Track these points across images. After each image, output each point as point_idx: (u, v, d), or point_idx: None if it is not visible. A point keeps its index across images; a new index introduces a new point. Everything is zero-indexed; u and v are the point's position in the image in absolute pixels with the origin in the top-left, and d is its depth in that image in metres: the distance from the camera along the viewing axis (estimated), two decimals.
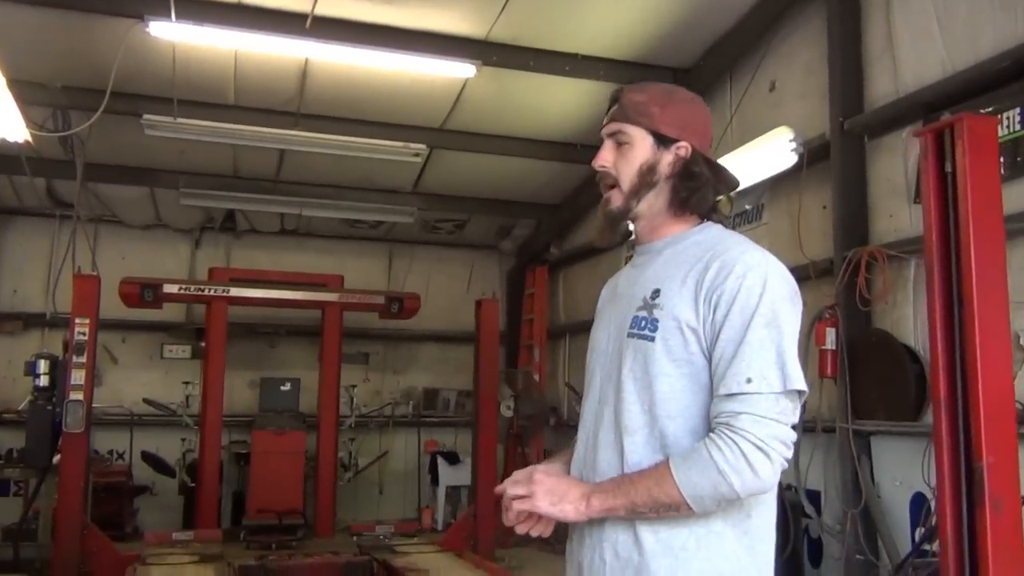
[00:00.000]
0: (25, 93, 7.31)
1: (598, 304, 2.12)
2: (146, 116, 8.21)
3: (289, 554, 7.59)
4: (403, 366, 11.91)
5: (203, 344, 9.79)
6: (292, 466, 9.43)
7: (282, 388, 10.09)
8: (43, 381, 7.42)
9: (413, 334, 11.67)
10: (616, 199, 1.94)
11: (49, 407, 7.37)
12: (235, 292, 9.63)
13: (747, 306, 1.71)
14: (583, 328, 10.78)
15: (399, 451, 11.42)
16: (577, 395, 10.30)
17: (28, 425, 7.42)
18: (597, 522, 1.81)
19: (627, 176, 1.91)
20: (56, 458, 7.40)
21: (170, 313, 10.64)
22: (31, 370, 7.48)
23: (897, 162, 6.02)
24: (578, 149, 9.77)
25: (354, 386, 10.65)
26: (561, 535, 2.03)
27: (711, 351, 1.74)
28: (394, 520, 9.06)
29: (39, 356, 7.59)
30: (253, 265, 10.93)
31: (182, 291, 9.67)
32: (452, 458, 10.80)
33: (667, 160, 1.91)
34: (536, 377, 10.64)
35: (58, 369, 7.45)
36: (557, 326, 11.53)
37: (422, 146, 9.17)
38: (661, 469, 1.70)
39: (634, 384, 1.80)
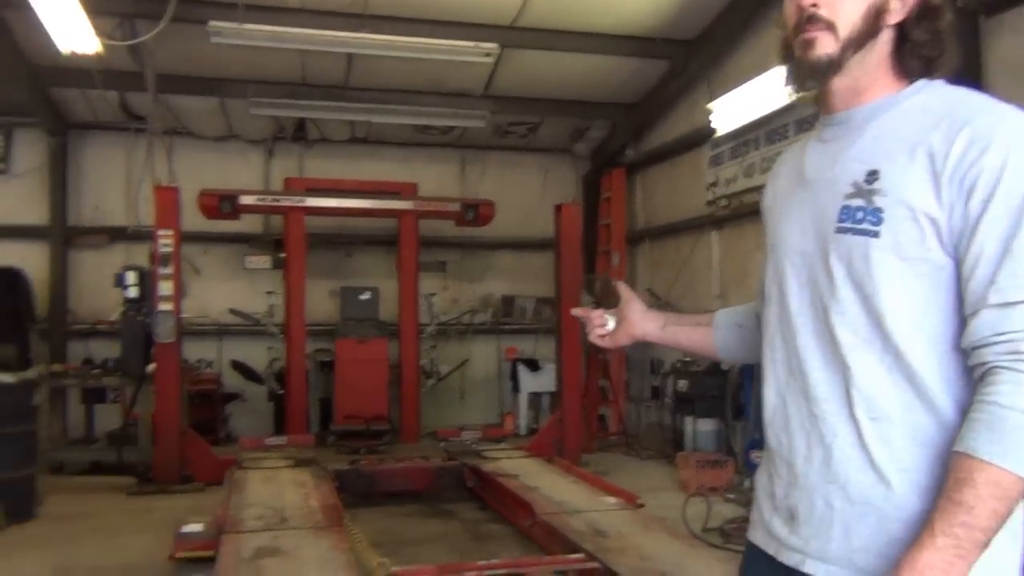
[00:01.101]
0: (92, 2, 7.21)
1: (768, 193, 1.75)
2: (212, 23, 8.04)
3: (380, 459, 7.72)
4: (479, 274, 11.84)
5: (283, 254, 9.85)
6: (376, 373, 9.56)
7: (361, 297, 10.13)
8: (133, 293, 7.60)
9: (488, 241, 11.55)
10: (827, 43, 1.51)
11: (140, 318, 7.52)
12: (311, 202, 9.63)
13: (1016, 190, 1.33)
14: (664, 232, 10.53)
15: (479, 358, 11.48)
16: (659, 301, 10.10)
17: (122, 336, 7.65)
18: (819, 451, 1.51)
19: (849, 16, 1.49)
20: (150, 367, 7.60)
21: (249, 224, 10.73)
22: (120, 282, 7.68)
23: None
24: (657, 43, 9.33)
25: (433, 294, 10.65)
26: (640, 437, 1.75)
27: (960, 247, 1.38)
28: (479, 426, 9.13)
29: (127, 268, 7.77)
30: (326, 175, 10.89)
31: (259, 202, 9.70)
32: (533, 365, 10.80)
33: None
34: (614, 282, 10.44)
35: (146, 281, 7.56)
36: (636, 231, 11.26)
37: (493, 45, 8.82)
38: (976, 471, 1.29)
39: (853, 291, 1.46)
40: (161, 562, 4.96)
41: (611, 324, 2.03)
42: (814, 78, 1.55)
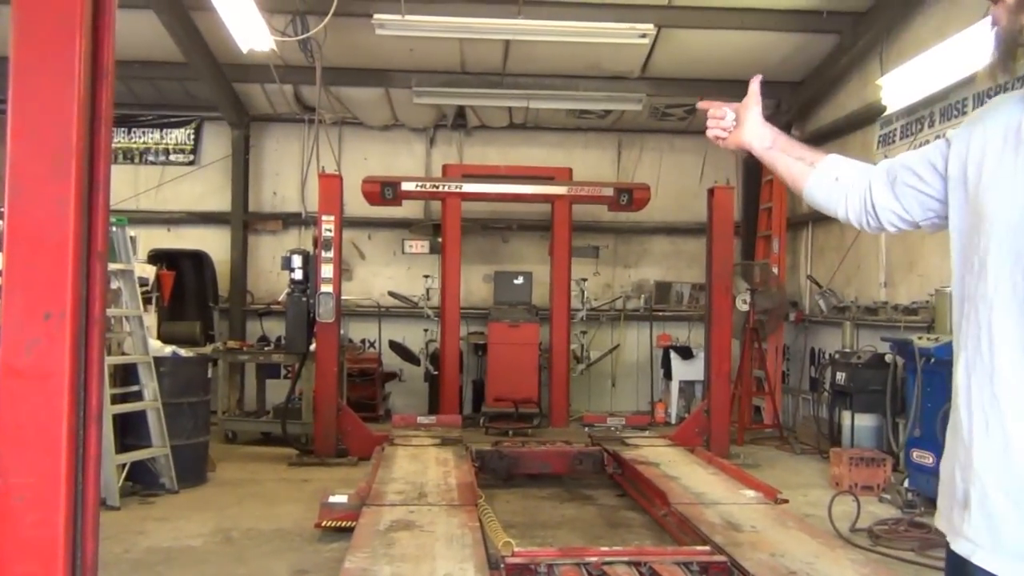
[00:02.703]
0: (266, 1, 7.71)
1: (967, 150, 1.59)
2: (376, 16, 8.38)
3: (523, 441, 7.83)
4: (634, 259, 11.72)
5: (440, 239, 10.14)
6: (526, 357, 9.69)
7: (515, 282, 10.29)
8: (297, 275, 8.02)
9: (644, 226, 11.41)
10: (999, 15, 1.46)
11: (304, 299, 7.94)
12: (467, 188, 9.84)
13: None
14: (829, 217, 9.95)
15: (631, 345, 11.38)
16: (820, 289, 9.62)
17: (287, 315, 8.05)
18: (998, 436, 1.42)
19: None
20: (313, 345, 8.02)
21: (409, 210, 11.12)
22: (286, 265, 8.11)
23: None
24: (824, 17, 8.85)
25: (584, 280, 10.65)
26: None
27: None
28: (626, 413, 9.07)
29: (293, 252, 8.19)
30: (484, 161, 11.13)
31: (418, 188, 10.00)
32: (685, 353, 10.58)
33: None
34: (775, 269, 10.05)
35: (310, 264, 7.98)
36: (798, 215, 10.75)
37: (649, 26, 8.65)
38: None
39: None
40: (309, 529, 5.29)
41: (730, 118, 2.02)
42: (1004, 56, 1.47)
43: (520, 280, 10.32)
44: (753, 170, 11.20)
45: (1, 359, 2.14)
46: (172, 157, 11.37)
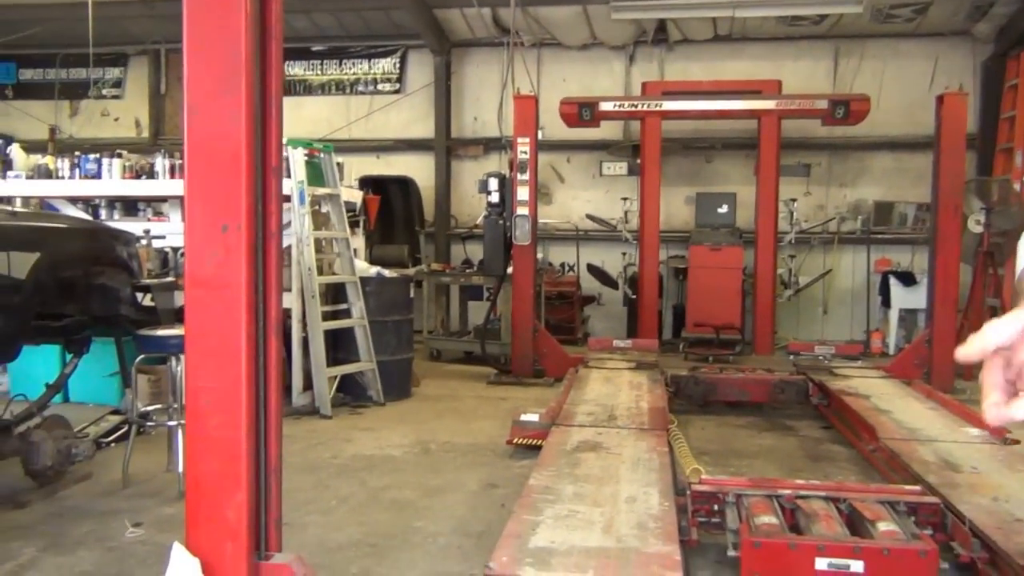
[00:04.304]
0: None
1: None
2: None
3: (721, 367, 7.56)
4: (850, 178, 10.86)
5: (639, 161, 9.87)
6: (729, 282, 9.32)
7: (718, 204, 9.84)
8: (494, 198, 8.08)
9: (863, 142, 10.52)
10: None
11: (500, 221, 8.01)
12: (667, 106, 9.46)
13: None
14: None
15: (845, 270, 10.66)
16: None
17: (485, 238, 8.17)
18: None
19: None
20: (510, 268, 8.11)
21: (607, 131, 10.87)
22: (483, 188, 8.20)
23: None
24: None
25: (794, 200, 10.01)
26: None
27: None
28: (838, 342, 8.50)
29: (489, 175, 8.24)
30: (687, 77, 10.69)
31: (617, 108, 9.72)
32: (907, 279, 9.75)
33: None
34: (1016, 186, 8.93)
35: (506, 187, 8.01)
36: None
37: None
38: None
39: None
40: (502, 445, 5.39)
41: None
42: None
43: (723, 202, 9.84)
44: (993, 74, 9.95)
45: (187, 269, 2.25)
46: (379, 86, 11.79)
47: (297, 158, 6.47)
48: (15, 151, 7.50)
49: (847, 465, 5.22)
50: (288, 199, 6.41)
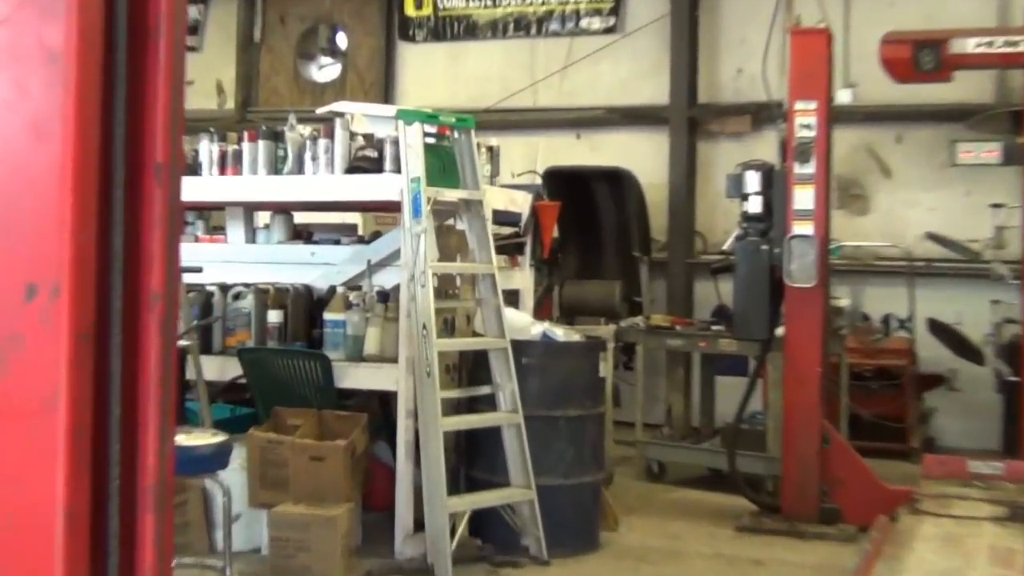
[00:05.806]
0: None
1: None
2: None
3: None
4: None
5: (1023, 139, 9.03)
6: None
7: None
8: (754, 205, 7.61)
9: None
10: None
11: (764, 246, 7.53)
12: None
13: None
14: None
15: None
16: None
17: (736, 274, 7.81)
18: None
19: None
20: (780, 328, 7.59)
21: (966, 89, 10.05)
22: (734, 189, 7.77)
23: None
24: None
25: None
26: None
27: None
28: None
29: (746, 166, 7.79)
30: None
31: (983, 49, 8.84)
32: None
33: None
34: None
35: (774, 186, 7.49)
36: None
37: None
38: None
39: None
40: None
41: None
42: None
43: None
44: None
45: None
46: (583, 23, 11.84)
47: (412, 140, 6.28)
48: None
49: None
50: (393, 208, 6.38)
